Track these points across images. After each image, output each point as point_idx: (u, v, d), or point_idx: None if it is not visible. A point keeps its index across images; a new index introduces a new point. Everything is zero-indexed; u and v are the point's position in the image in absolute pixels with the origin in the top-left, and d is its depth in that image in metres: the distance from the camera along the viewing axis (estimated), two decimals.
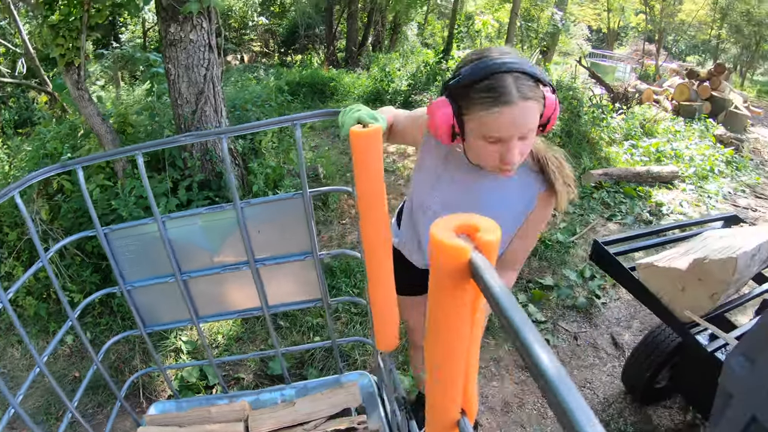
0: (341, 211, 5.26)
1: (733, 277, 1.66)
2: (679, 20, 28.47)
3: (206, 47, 4.16)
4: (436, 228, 0.68)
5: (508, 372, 3.35)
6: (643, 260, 1.96)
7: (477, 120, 1.36)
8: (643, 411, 3.16)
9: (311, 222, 1.70)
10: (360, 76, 12.19)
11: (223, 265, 1.80)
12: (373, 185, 1.33)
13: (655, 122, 9.96)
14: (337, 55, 17.40)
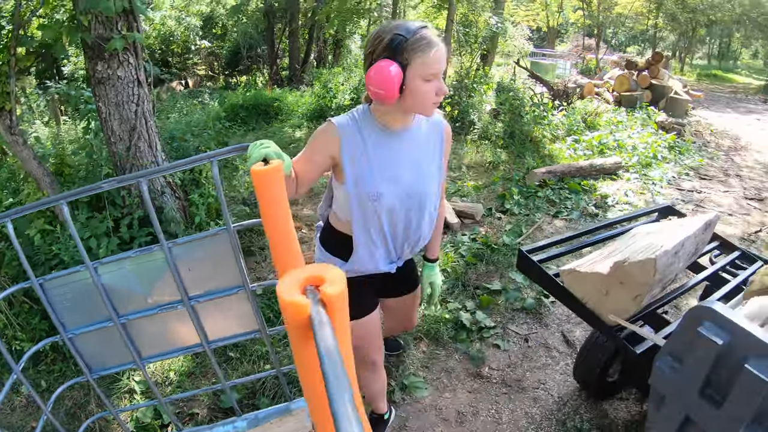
0: None
1: (654, 278, 1.68)
2: (616, 13, 29.03)
3: (135, 83, 4.11)
4: (282, 284, 0.71)
5: (461, 381, 3.34)
6: (566, 266, 1.98)
7: (419, 64, 1.71)
8: (598, 406, 3.18)
9: (239, 256, 1.69)
10: (304, 93, 12.17)
11: (159, 306, 1.78)
12: (280, 221, 1.35)
13: (597, 115, 10.12)
14: (281, 74, 17.33)
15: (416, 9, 17.23)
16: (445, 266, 4.53)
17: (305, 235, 5.24)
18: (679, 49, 34.18)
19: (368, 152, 1.89)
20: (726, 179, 8.32)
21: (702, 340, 1.43)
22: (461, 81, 9.81)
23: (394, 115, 1.89)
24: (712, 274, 2.42)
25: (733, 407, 1.38)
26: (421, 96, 1.77)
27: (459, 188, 6.60)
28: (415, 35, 1.70)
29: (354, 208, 1.95)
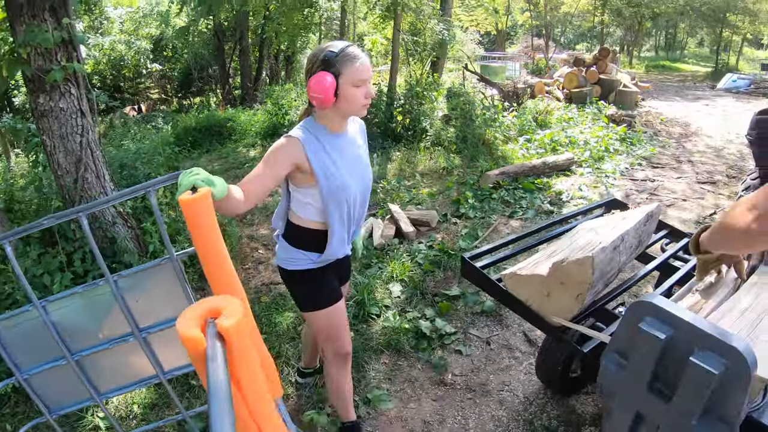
0: (243, 255, 5.15)
1: (593, 276, 1.66)
2: (563, 12, 29.54)
3: (78, 113, 4.02)
4: (182, 318, 0.71)
5: (425, 391, 3.30)
6: (507, 270, 1.96)
7: (350, 73, 2.09)
8: (565, 402, 3.18)
9: (185, 284, 1.65)
10: (257, 112, 12.09)
11: (111, 340, 1.73)
12: (212, 247, 1.37)
13: (548, 113, 10.24)
14: (233, 93, 17.22)
15: (365, 20, 17.25)
16: (402, 276, 4.48)
17: (262, 255, 5.16)
18: (627, 43, 34.89)
19: (327, 152, 2.24)
20: (678, 166, 8.46)
21: (644, 336, 1.40)
22: (411, 89, 9.82)
23: (334, 120, 2.27)
24: (662, 263, 2.42)
25: (682, 401, 1.35)
26: (352, 99, 2.15)
27: (414, 196, 6.59)
28: (343, 51, 2.11)
29: (328, 201, 2.27)
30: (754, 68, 29.50)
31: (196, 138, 10.34)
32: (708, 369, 1.27)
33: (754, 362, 1.25)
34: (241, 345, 0.79)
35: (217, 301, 0.77)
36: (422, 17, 11.23)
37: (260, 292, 4.41)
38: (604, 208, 2.96)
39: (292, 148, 2.16)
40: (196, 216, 1.34)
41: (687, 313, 1.38)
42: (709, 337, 1.31)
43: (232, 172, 8.20)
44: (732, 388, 1.28)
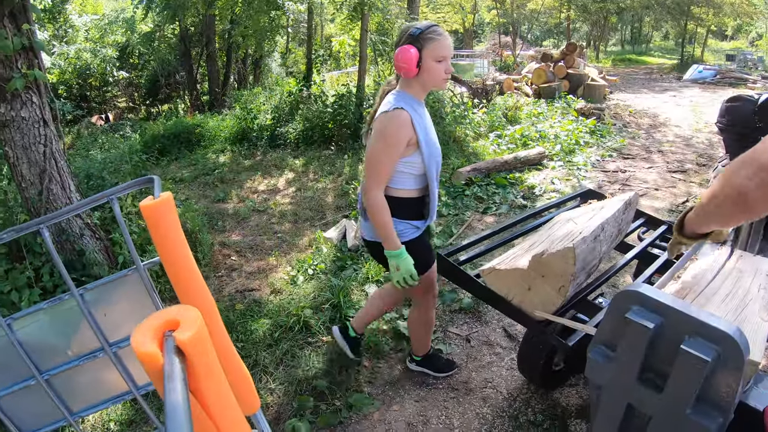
0: (216, 263, 5.05)
1: (575, 267, 1.61)
2: (529, 9, 29.79)
3: (40, 123, 3.89)
4: (137, 332, 0.70)
5: (407, 392, 3.24)
6: (486, 265, 1.90)
7: (432, 48, 2.36)
8: (549, 396, 3.15)
9: (153, 295, 1.57)
10: (225, 117, 11.96)
11: (81, 356, 1.64)
12: (177, 253, 1.28)
13: (518, 109, 10.29)
14: (201, 99, 17.04)
15: (333, 22, 17.21)
16: (378, 277, 4.42)
17: (235, 262, 5.06)
18: (593, 37, 35.32)
19: (422, 119, 2.52)
20: (649, 156, 8.53)
21: (632, 326, 1.35)
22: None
23: (419, 92, 2.53)
24: (640, 252, 2.39)
25: (674, 390, 1.31)
26: (434, 72, 2.41)
27: None
28: (428, 28, 2.38)
29: (429, 165, 2.52)
30: (719, 59, 30.00)
31: (165, 145, 10.18)
32: (700, 356, 1.23)
33: (746, 347, 1.22)
34: (202, 358, 0.75)
35: (173, 312, 0.73)
36: (390, 17, 11.21)
37: (234, 300, 4.31)
38: (580, 199, 2.93)
39: (404, 122, 2.42)
40: (159, 222, 1.26)
41: (676, 301, 1.35)
42: (699, 323, 1.27)
43: (201, 178, 8.07)
44: (725, 374, 1.24)
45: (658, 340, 1.36)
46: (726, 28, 39.31)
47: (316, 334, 3.73)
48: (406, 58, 2.36)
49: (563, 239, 1.77)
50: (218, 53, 17.45)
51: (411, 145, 2.47)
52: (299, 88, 10.92)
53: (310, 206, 6.52)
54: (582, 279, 1.79)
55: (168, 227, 1.25)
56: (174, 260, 1.28)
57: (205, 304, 1.30)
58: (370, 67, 12.08)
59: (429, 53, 2.37)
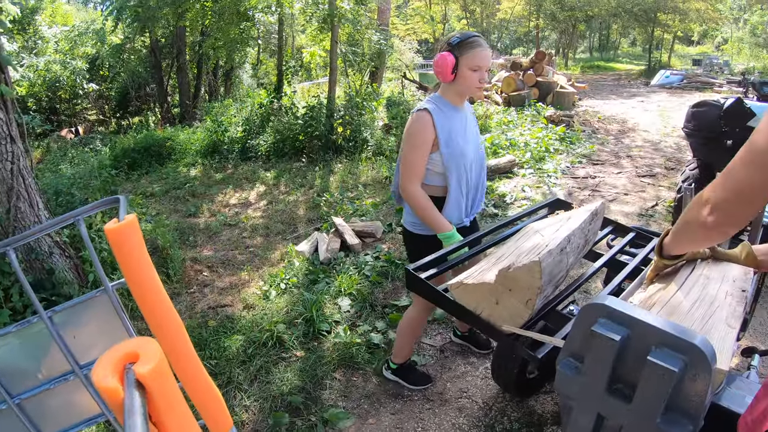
0: (187, 279, 4.99)
1: (542, 280, 1.61)
2: (499, 19, 30.14)
3: (7, 139, 3.82)
4: (98, 365, 0.70)
5: (382, 405, 3.22)
6: (454, 280, 1.89)
7: (469, 58, 2.49)
8: (525, 404, 3.15)
9: (122, 316, 1.53)
10: (196, 130, 11.88)
11: (52, 379, 1.60)
12: (142, 275, 1.25)
13: (488, 117, 10.36)
14: (172, 111, 16.91)
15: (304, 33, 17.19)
16: (350, 289, 4.39)
17: (207, 278, 5.00)
18: (562, 45, 35.72)
19: (450, 121, 2.64)
20: (618, 161, 8.63)
21: (599, 339, 1.35)
22: (351, 100, 9.79)
23: (454, 97, 2.67)
24: (609, 260, 2.40)
25: (643, 400, 1.31)
26: (469, 79, 2.55)
27: (358, 208, 6.55)
28: (468, 39, 2.52)
29: (448, 165, 2.64)
30: (686, 64, 30.56)
31: (135, 159, 10.07)
32: (667, 366, 1.23)
33: (713, 356, 1.22)
34: (162, 390, 0.74)
35: (133, 344, 0.74)
36: (360, 28, 11.22)
37: (207, 316, 4.26)
38: (548, 208, 2.94)
39: (425, 123, 2.59)
40: (123, 245, 1.23)
41: (641, 312, 1.34)
42: (665, 334, 1.27)
43: (172, 192, 8.00)
44: (693, 383, 1.25)
45: (625, 352, 1.35)
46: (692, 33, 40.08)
47: (290, 350, 3.70)
48: (443, 64, 2.53)
49: (529, 252, 1.77)
50: (189, 65, 17.37)
51: (434, 145, 2.63)
52: (270, 100, 10.89)
53: (282, 219, 6.49)
54: (549, 291, 1.78)
55: (133, 250, 1.23)
56: (140, 283, 1.25)
57: (172, 325, 1.27)
58: (340, 78, 12.08)
59: (465, 62, 2.51)
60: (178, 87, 17.48)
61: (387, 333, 3.86)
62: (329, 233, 5.58)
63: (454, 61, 2.52)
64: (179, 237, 5.97)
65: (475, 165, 2.80)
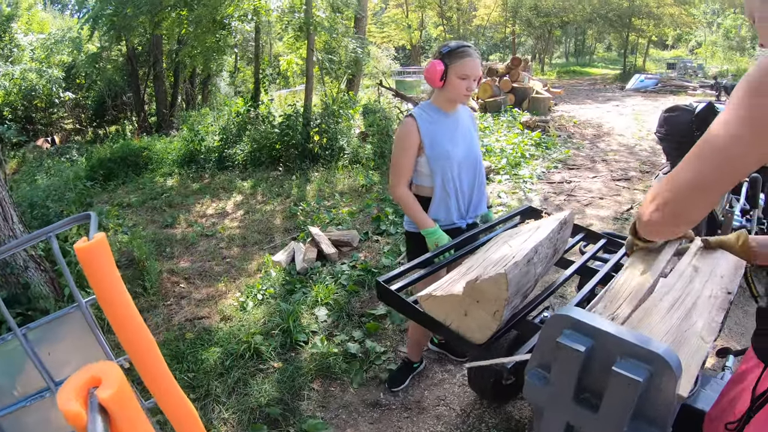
0: (164, 291, 4.95)
1: (508, 292, 1.62)
2: (475, 25, 30.28)
3: None
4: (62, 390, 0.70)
5: (360, 415, 3.22)
6: (423, 291, 1.90)
7: (458, 66, 2.62)
8: (502, 410, 3.17)
9: (96, 332, 1.52)
10: (173, 139, 11.80)
11: (27, 397, 1.58)
12: (113, 293, 1.24)
13: None
14: (149, 120, 16.78)
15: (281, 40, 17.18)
16: (327, 299, 4.39)
17: (184, 290, 4.96)
18: (538, 51, 35.99)
19: (435, 124, 2.79)
20: (593, 165, 8.71)
21: (564, 350, 1.36)
22: (327, 108, 9.79)
23: (443, 103, 2.82)
24: (580, 267, 2.42)
25: (610, 410, 1.32)
26: (456, 87, 2.68)
27: (334, 216, 6.55)
28: (458, 48, 2.65)
29: (432, 166, 2.78)
30: (661, 68, 30.88)
31: (112, 169, 9.96)
32: (632, 377, 1.24)
33: (677, 365, 1.24)
34: (125, 414, 0.75)
35: (96, 368, 0.76)
36: (336, 36, 11.23)
37: (184, 329, 4.22)
38: (520, 216, 2.97)
39: (410, 128, 2.77)
40: (93, 264, 1.23)
41: (605, 323, 1.35)
42: (629, 344, 1.28)
43: (149, 203, 7.93)
44: (659, 393, 1.26)
45: (590, 362, 1.37)
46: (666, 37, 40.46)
47: (267, 361, 3.68)
48: (433, 71, 2.68)
49: (496, 264, 1.78)
50: (166, 73, 17.23)
51: (420, 148, 2.79)
52: (247, 108, 10.86)
53: (259, 229, 6.47)
54: (518, 302, 1.80)
55: (102, 268, 1.22)
56: (110, 300, 1.25)
57: (143, 342, 1.27)
58: (317, 86, 12.07)
59: (454, 70, 2.64)
60: (154, 95, 17.33)
61: (364, 342, 3.86)
62: (306, 243, 5.57)
63: (443, 68, 2.66)
64: (156, 248, 5.92)
65: (465, 167, 2.88)
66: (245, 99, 11.77)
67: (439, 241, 2.73)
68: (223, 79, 21.23)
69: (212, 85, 19.66)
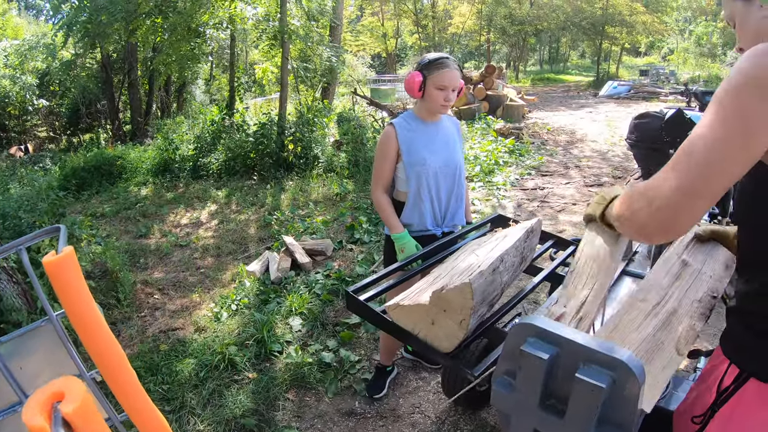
0: (138, 302, 4.90)
1: (474, 301, 1.63)
2: (450, 33, 30.46)
3: None
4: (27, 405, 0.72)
5: (335, 424, 3.22)
6: (391, 301, 1.91)
7: (436, 78, 2.69)
8: (477, 416, 3.18)
9: (68, 345, 1.50)
10: (147, 148, 11.71)
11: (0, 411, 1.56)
12: (82, 306, 1.24)
13: None
14: (124, 128, 16.62)
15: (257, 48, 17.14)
16: (301, 309, 4.39)
17: (158, 301, 4.92)
18: (513, 58, 36.28)
19: (414, 132, 2.87)
20: (566, 172, 8.79)
21: (528, 358, 1.38)
22: (302, 117, 9.78)
23: (423, 113, 2.90)
24: (548, 275, 2.44)
25: (575, 416, 1.34)
26: (434, 98, 2.75)
27: (308, 226, 6.53)
28: (436, 60, 2.72)
29: (408, 172, 2.86)
30: (633, 74, 31.35)
31: (85, 179, 9.86)
32: (595, 383, 1.26)
33: (641, 372, 1.25)
34: (88, 428, 0.77)
35: (60, 383, 0.76)
36: (311, 44, 11.23)
37: (158, 340, 4.19)
38: (490, 225, 2.98)
39: (389, 136, 2.87)
40: (61, 277, 1.23)
41: (567, 330, 1.37)
42: (592, 351, 1.30)
43: (123, 213, 7.86)
44: (623, 398, 1.28)
45: (554, 369, 1.39)
46: (639, 45, 41.08)
47: (242, 371, 3.67)
48: (411, 82, 2.76)
49: (462, 273, 1.80)
50: (140, 81, 17.09)
51: (399, 155, 2.88)
52: (222, 117, 10.81)
53: (233, 239, 6.45)
54: (484, 310, 1.81)
55: (71, 282, 1.22)
56: (79, 314, 1.25)
57: (113, 356, 1.27)
58: (292, 95, 12.06)
59: (432, 81, 2.71)
60: (129, 103, 17.14)
61: (338, 351, 3.86)
62: (280, 252, 5.56)
63: (422, 80, 2.74)
64: (130, 259, 5.88)
65: (443, 175, 2.94)
66: (220, 107, 11.72)
67: (405, 247, 2.82)
68: (198, 87, 21.11)
69: (187, 93, 19.54)
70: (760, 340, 1.36)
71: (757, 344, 1.37)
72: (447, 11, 31.21)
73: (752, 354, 1.38)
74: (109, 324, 4.46)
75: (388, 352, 3.48)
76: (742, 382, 1.39)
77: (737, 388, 1.39)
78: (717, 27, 31.86)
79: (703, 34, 32.21)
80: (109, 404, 1.64)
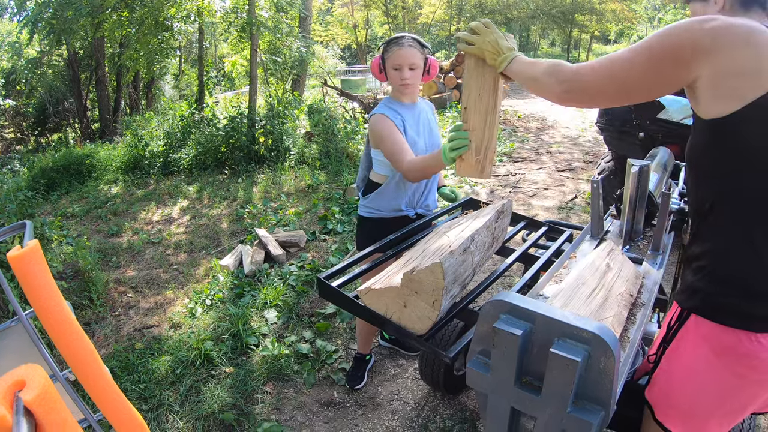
0: (111, 301, 4.83)
1: (445, 281, 1.62)
2: (421, 23, 30.43)
3: None
4: None
5: (315, 415, 3.20)
6: (363, 286, 1.89)
7: (392, 57, 2.65)
8: (456, 401, 3.20)
9: (39, 345, 1.46)
10: (117, 146, 11.55)
11: None
12: (49, 302, 1.20)
13: None
14: (92, 126, 16.38)
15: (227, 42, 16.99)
16: (276, 301, 4.36)
17: (131, 299, 4.85)
18: None
19: (400, 115, 2.77)
20: (538, 158, 8.85)
21: (501, 335, 1.37)
22: (272, 109, 9.71)
23: (398, 95, 2.83)
24: (521, 255, 2.46)
25: (552, 391, 1.35)
26: (392, 78, 2.73)
27: (281, 218, 6.51)
28: (392, 40, 2.69)
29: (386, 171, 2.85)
30: None
31: (54, 179, 9.74)
32: (570, 357, 1.26)
33: (615, 343, 1.26)
34: (50, 416, 0.76)
35: (20, 372, 0.76)
36: (280, 36, 11.14)
37: (133, 339, 4.13)
38: (462, 208, 2.98)
39: (382, 118, 2.73)
40: (26, 272, 1.19)
41: (540, 305, 1.38)
42: (565, 325, 1.31)
43: (93, 212, 7.76)
44: (599, 371, 1.29)
45: (528, 345, 1.39)
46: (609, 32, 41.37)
47: (219, 366, 3.63)
48: (373, 65, 2.79)
49: (433, 254, 1.79)
50: (108, 77, 16.85)
51: None
52: (191, 112, 10.70)
53: (206, 234, 6.39)
54: (456, 291, 1.80)
55: (37, 277, 1.19)
56: (46, 309, 1.21)
57: (83, 352, 1.24)
58: (262, 87, 11.96)
59: (389, 62, 2.69)
60: (97, 101, 16.92)
61: (315, 342, 3.84)
62: (253, 245, 5.52)
63: (380, 61, 2.75)
64: (101, 258, 5.79)
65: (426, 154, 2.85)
66: (189, 102, 11.59)
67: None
68: (167, 82, 20.90)
69: (156, 89, 19.31)
70: (696, 277, 1.48)
71: (694, 281, 1.49)
72: (417, 1, 31.19)
73: (691, 292, 1.50)
74: (83, 325, 4.40)
75: (365, 340, 3.44)
76: (684, 319, 1.55)
77: (681, 325, 1.56)
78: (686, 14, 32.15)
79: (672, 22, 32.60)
80: (85, 404, 1.60)
